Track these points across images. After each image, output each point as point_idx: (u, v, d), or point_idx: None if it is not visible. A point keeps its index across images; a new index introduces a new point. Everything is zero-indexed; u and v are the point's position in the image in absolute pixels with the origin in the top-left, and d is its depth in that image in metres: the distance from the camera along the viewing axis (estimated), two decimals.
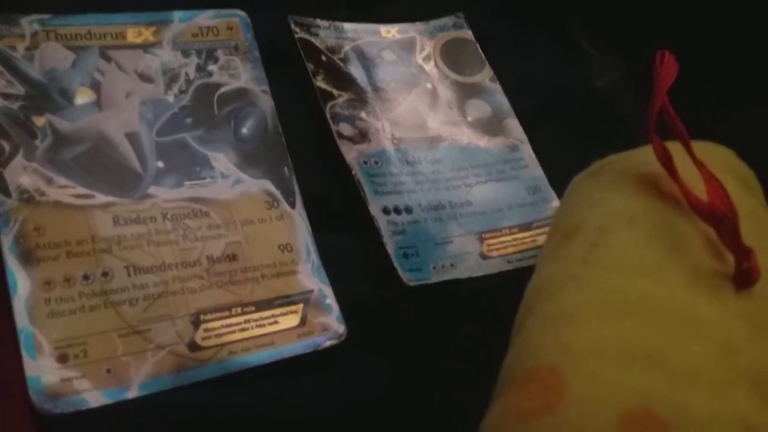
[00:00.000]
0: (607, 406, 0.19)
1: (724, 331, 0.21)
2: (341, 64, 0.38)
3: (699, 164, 0.23)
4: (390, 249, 0.33)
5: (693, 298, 0.22)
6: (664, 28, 0.52)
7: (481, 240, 0.35)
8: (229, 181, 0.32)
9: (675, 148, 0.24)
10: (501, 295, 0.33)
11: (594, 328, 0.21)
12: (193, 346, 0.28)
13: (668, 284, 0.22)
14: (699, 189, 0.23)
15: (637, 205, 0.25)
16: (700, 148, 0.24)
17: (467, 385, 0.30)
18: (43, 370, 0.26)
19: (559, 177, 0.39)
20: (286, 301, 0.30)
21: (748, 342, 0.21)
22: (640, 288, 0.22)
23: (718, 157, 0.27)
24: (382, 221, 0.34)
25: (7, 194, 0.28)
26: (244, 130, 0.34)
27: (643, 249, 0.23)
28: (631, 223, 0.24)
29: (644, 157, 0.26)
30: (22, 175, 0.28)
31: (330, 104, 0.36)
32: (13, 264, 0.27)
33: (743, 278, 0.22)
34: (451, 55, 0.42)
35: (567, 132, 0.42)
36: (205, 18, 0.35)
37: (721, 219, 0.22)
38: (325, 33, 0.39)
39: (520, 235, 0.36)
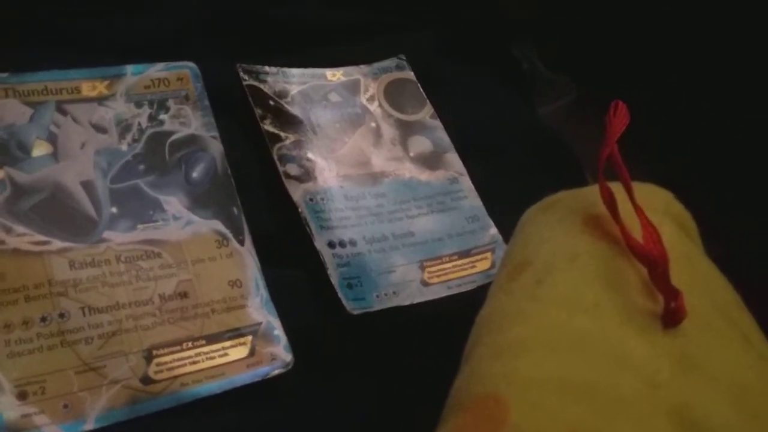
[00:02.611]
0: None
1: (650, 366, 0.23)
2: (288, 108, 0.41)
3: (638, 209, 0.26)
4: (334, 280, 0.35)
5: (625, 335, 0.24)
6: (620, 53, 0.55)
7: (423, 268, 0.38)
8: (181, 222, 0.34)
9: (620, 189, 0.26)
10: (441, 319, 0.36)
11: (536, 360, 0.23)
12: (146, 380, 0.30)
13: (603, 321, 0.24)
14: (639, 231, 0.25)
15: (581, 245, 0.27)
16: (642, 190, 0.26)
17: (412, 408, 0.32)
18: (3, 407, 0.27)
19: (496, 206, 0.42)
20: (235, 333, 0.32)
21: (672, 377, 0.23)
22: (578, 324, 0.24)
23: (657, 199, 0.29)
24: (327, 255, 0.36)
25: None
26: (195, 174, 0.36)
27: (583, 287, 0.25)
28: (574, 262, 0.26)
29: (591, 197, 0.28)
30: None
31: (277, 146, 0.39)
32: None
33: (671, 318, 0.24)
34: (394, 95, 0.44)
35: (504, 163, 0.44)
36: (157, 71, 0.38)
37: (653, 262, 0.24)
38: (272, 79, 0.42)
39: (459, 262, 0.39)
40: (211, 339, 0.32)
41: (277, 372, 0.32)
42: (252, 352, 0.32)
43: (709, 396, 0.23)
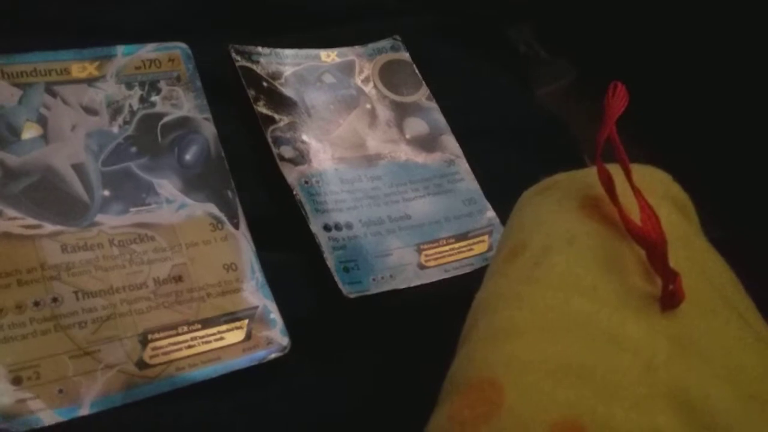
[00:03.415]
0: (539, 417, 0.21)
1: (648, 348, 0.23)
2: (282, 89, 0.40)
3: (636, 191, 0.25)
4: (330, 264, 0.35)
5: (622, 317, 0.23)
6: (618, 35, 0.55)
7: (419, 251, 0.38)
8: (174, 205, 0.34)
9: (618, 171, 0.26)
10: (438, 302, 0.35)
11: (532, 342, 0.23)
12: (142, 365, 0.30)
13: (601, 303, 0.24)
14: (637, 213, 0.25)
15: (579, 227, 0.26)
16: (640, 172, 0.26)
17: (407, 391, 0.32)
18: None
19: (493, 188, 0.42)
20: (231, 317, 0.32)
21: (670, 359, 0.22)
22: (576, 306, 0.24)
23: (656, 182, 0.28)
24: (323, 238, 0.36)
25: None
26: (188, 157, 0.35)
27: (580, 269, 0.25)
28: (571, 244, 0.26)
29: (589, 179, 0.27)
30: None
31: (271, 128, 0.38)
32: None
33: (669, 300, 0.24)
34: (389, 76, 0.44)
35: (501, 145, 0.44)
36: (148, 51, 0.37)
37: (651, 244, 0.24)
38: (266, 60, 0.41)
39: (456, 245, 0.39)
40: (207, 323, 0.31)
41: (273, 356, 0.32)
42: (248, 336, 0.32)
43: (707, 378, 0.23)
